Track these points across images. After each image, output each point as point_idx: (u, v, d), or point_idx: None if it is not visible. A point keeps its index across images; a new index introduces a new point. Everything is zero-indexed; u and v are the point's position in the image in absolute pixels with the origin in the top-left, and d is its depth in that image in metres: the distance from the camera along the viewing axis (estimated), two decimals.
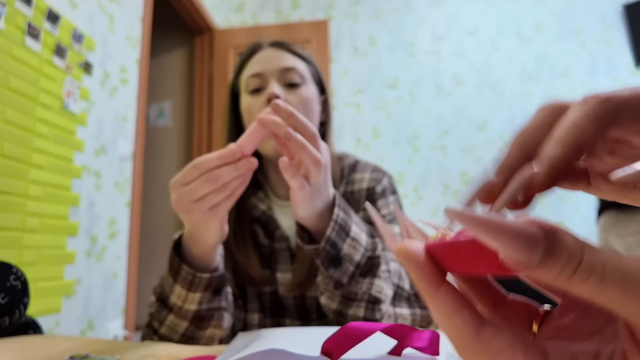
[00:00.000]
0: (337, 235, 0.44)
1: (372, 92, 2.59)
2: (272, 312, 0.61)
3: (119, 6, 1.69)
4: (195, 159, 0.42)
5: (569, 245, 0.12)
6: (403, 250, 0.15)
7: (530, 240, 0.12)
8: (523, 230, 0.12)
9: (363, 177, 0.64)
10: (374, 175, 0.64)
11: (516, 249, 0.12)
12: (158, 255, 2.67)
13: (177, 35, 2.85)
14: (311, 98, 0.60)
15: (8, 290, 0.63)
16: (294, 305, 0.60)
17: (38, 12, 1.25)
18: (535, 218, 0.13)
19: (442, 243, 0.15)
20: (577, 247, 0.12)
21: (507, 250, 0.12)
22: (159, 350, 0.49)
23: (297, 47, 0.64)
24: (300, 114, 0.39)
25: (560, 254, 0.12)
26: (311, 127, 0.39)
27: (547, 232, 0.12)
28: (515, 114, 2.47)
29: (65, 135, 1.36)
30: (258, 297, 0.61)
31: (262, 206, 0.61)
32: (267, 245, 0.61)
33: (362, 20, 2.69)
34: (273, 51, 0.62)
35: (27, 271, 1.14)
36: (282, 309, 0.61)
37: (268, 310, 0.61)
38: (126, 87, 1.74)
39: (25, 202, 1.18)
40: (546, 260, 0.12)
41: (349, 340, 0.30)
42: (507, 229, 0.12)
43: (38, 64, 1.25)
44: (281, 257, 0.61)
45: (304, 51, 0.65)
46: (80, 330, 1.41)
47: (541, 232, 0.12)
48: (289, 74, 0.59)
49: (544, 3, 2.56)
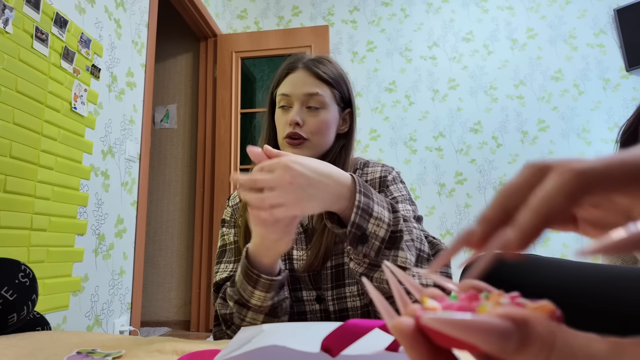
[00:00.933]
0: (360, 219, 0.48)
1: (370, 96, 2.65)
2: (289, 286, 0.67)
3: (125, 12, 1.75)
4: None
5: (540, 335, 0.13)
6: (396, 328, 0.16)
7: (503, 334, 0.13)
8: (495, 326, 0.13)
9: (375, 169, 0.74)
10: (384, 168, 0.74)
11: (491, 343, 0.13)
12: (163, 253, 2.71)
13: (182, 41, 2.91)
14: (328, 121, 0.70)
15: (16, 287, 0.64)
16: (308, 278, 0.67)
17: (46, 16, 1.28)
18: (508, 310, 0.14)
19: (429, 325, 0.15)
20: (549, 335, 0.13)
21: (483, 344, 0.13)
22: (164, 345, 0.50)
23: (327, 71, 0.72)
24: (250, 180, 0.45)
25: (533, 343, 0.13)
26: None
27: (519, 323, 0.13)
28: (509, 117, 2.52)
29: (74, 137, 1.39)
30: None
31: None
32: None
33: (361, 26, 2.76)
34: (303, 75, 0.71)
35: (35, 268, 1.18)
36: (297, 283, 0.67)
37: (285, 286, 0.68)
38: (133, 90, 1.79)
39: (33, 202, 1.20)
40: (520, 349, 0.13)
41: (349, 336, 0.30)
42: (481, 327, 0.13)
43: (46, 68, 1.27)
44: (296, 239, 0.69)
45: (333, 73, 0.72)
46: (87, 326, 1.44)
47: (513, 325, 0.13)
48: (312, 100, 0.69)
49: (536, 9, 2.63)
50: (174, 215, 2.73)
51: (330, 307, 0.66)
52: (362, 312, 0.65)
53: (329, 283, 0.66)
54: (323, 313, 0.66)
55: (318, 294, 0.66)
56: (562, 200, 0.15)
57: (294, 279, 0.67)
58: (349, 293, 0.65)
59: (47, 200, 1.26)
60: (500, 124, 2.52)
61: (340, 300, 0.65)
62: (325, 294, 0.66)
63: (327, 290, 0.66)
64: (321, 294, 0.66)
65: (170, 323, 2.61)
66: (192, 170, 2.75)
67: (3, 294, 0.62)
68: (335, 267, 0.66)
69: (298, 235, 0.69)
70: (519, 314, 0.13)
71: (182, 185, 2.76)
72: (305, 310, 0.67)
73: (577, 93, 2.49)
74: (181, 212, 2.73)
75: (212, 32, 2.66)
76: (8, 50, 1.14)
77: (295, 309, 0.67)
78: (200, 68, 2.76)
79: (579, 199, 0.15)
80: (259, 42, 2.62)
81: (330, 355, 0.30)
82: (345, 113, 0.75)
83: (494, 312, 0.14)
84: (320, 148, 0.70)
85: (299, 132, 0.68)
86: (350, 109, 0.75)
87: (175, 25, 2.84)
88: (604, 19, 2.54)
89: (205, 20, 2.52)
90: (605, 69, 2.49)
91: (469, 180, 2.47)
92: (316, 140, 0.69)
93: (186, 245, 2.69)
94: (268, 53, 2.62)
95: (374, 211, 0.49)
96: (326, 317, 0.66)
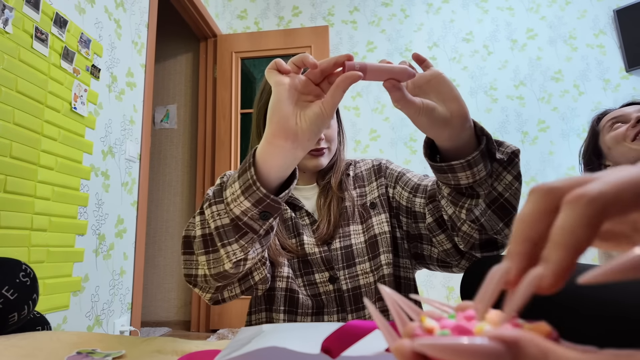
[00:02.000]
0: (480, 131, 0.50)
1: (370, 96, 2.65)
2: (300, 271, 0.70)
3: (125, 12, 1.75)
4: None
5: (531, 355, 0.13)
6: (397, 351, 0.16)
7: (493, 357, 0.13)
8: (485, 349, 0.13)
9: (366, 162, 0.80)
10: (375, 160, 0.80)
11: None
12: (164, 253, 2.71)
13: (182, 41, 2.91)
14: (336, 128, 0.76)
15: (17, 287, 0.64)
16: (321, 260, 0.69)
17: (46, 16, 1.28)
18: (500, 331, 0.14)
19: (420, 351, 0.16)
20: (541, 355, 0.13)
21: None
22: (165, 345, 0.50)
23: None
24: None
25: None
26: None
27: (509, 344, 0.13)
28: (509, 117, 2.52)
29: (74, 137, 1.39)
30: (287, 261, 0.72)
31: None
32: (291, 217, 0.73)
33: (361, 27, 2.76)
34: None
35: (35, 269, 1.18)
36: (310, 267, 0.70)
37: (297, 271, 0.70)
38: (133, 90, 1.79)
39: (33, 202, 1.20)
40: None
41: (349, 337, 0.30)
42: (472, 351, 0.13)
43: (46, 68, 1.27)
44: (305, 228, 0.73)
45: None
46: (88, 326, 1.44)
47: (504, 347, 0.13)
48: None
49: (536, 9, 2.63)
50: (174, 215, 2.73)
51: (344, 285, 0.68)
52: (375, 289, 0.68)
53: (340, 263, 0.69)
54: (337, 292, 0.68)
55: (331, 275, 0.69)
56: (584, 231, 0.15)
57: (307, 263, 0.70)
58: (360, 271, 0.69)
59: (48, 200, 1.26)
60: (501, 124, 2.52)
61: (353, 278, 0.68)
62: (338, 273, 0.69)
63: (339, 270, 0.69)
64: (334, 274, 0.69)
65: (171, 323, 2.61)
66: (192, 171, 2.76)
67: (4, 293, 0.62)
68: (344, 247, 0.70)
69: (306, 224, 0.73)
70: (510, 335, 0.13)
71: (182, 186, 2.76)
72: (319, 292, 0.69)
73: (577, 93, 2.49)
74: (181, 212, 2.73)
75: (212, 32, 2.66)
76: (8, 50, 1.14)
77: (309, 291, 0.69)
78: (200, 68, 2.76)
79: (599, 225, 0.15)
80: (259, 43, 2.62)
81: (330, 357, 0.30)
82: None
83: (488, 334, 0.14)
84: (333, 153, 0.76)
85: (323, 145, 0.72)
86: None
87: (175, 26, 2.84)
88: (604, 19, 2.55)
89: (205, 21, 2.52)
90: (605, 69, 2.49)
91: None
92: (333, 147, 0.74)
93: None
94: (268, 53, 2.62)
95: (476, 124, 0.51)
96: (340, 297, 0.68)
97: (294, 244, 0.71)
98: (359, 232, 0.72)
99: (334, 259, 0.70)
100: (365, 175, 0.78)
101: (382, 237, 0.70)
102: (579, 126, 2.45)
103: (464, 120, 0.47)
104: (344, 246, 0.70)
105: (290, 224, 0.73)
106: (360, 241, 0.71)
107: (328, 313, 0.68)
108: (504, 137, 2.50)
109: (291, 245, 0.70)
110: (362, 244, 0.70)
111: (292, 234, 0.72)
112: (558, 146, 2.45)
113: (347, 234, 0.71)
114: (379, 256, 0.69)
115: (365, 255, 0.69)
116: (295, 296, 0.68)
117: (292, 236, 0.72)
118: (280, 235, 0.71)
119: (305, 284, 0.70)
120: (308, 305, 0.68)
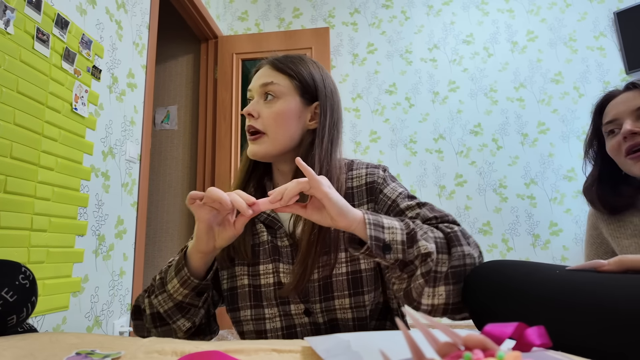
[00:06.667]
0: (375, 231, 0.52)
1: (370, 98, 2.66)
2: (276, 300, 0.66)
3: (126, 14, 1.75)
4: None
5: None
6: None
7: None
8: None
9: (360, 173, 0.70)
10: (369, 171, 0.70)
11: None
12: (163, 254, 2.71)
13: (183, 42, 2.92)
14: (283, 111, 0.66)
15: (17, 289, 0.63)
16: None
17: (47, 17, 1.28)
18: None
19: None
20: None
21: None
22: (164, 346, 0.49)
23: (287, 62, 0.70)
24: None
25: None
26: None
27: None
28: (509, 119, 2.53)
29: (75, 137, 1.39)
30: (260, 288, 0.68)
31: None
32: (269, 241, 0.68)
33: (361, 29, 2.76)
34: (264, 69, 0.71)
35: (35, 269, 1.19)
36: (285, 297, 0.65)
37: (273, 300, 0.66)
38: (133, 91, 1.79)
39: (33, 202, 1.20)
40: None
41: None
42: None
43: (47, 69, 1.27)
44: (283, 253, 0.66)
45: (295, 66, 0.69)
46: (87, 327, 1.44)
47: None
48: (266, 89, 0.68)
49: (537, 11, 2.63)
50: (174, 216, 2.74)
51: (320, 319, 0.64)
52: (356, 325, 0.63)
53: (316, 296, 0.64)
54: (313, 326, 0.65)
55: (306, 307, 0.64)
56: None
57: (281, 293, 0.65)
58: (338, 305, 0.63)
59: (48, 200, 1.26)
60: (500, 126, 2.52)
61: (330, 312, 0.64)
62: (313, 306, 0.64)
63: (315, 303, 0.64)
64: (309, 307, 0.64)
65: None
66: (193, 172, 2.76)
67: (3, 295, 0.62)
68: (322, 279, 0.63)
69: (284, 249, 0.66)
70: None
71: (183, 187, 2.77)
72: (294, 324, 0.65)
73: (577, 96, 2.50)
74: (181, 213, 2.74)
75: (213, 33, 2.67)
76: (9, 51, 1.14)
77: (285, 322, 0.65)
78: (201, 69, 2.76)
79: None
80: (259, 44, 2.63)
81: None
82: (314, 107, 0.69)
83: None
84: (279, 142, 0.66)
85: (254, 124, 0.66)
86: (319, 102, 0.69)
87: (176, 27, 2.85)
88: (604, 21, 2.55)
89: (206, 22, 2.53)
90: (605, 71, 2.49)
91: (469, 182, 2.48)
92: (273, 133, 0.66)
93: None
94: (269, 55, 2.61)
95: (384, 223, 0.54)
96: (316, 330, 0.64)
97: (270, 269, 0.66)
98: (341, 261, 0.64)
99: (310, 291, 0.64)
100: (356, 194, 0.68)
101: (367, 275, 0.63)
102: (579, 128, 2.45)
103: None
104: (322, 277, 0.63)
105: (267, 249, 0.67)
106: (341, 272, 0.63)
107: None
108: (504, 139, 2.51)
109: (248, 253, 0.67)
110: (342, 277, 0.63)
111: (268, 258, 0.67)
112: (558, 148, 2.45)
113: (326, 263, 0.63)
114: (361, 295, 0.62)
115: (346, 290, 0.63)
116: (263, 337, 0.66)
117: (269, 261, 0.66)
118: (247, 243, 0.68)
119: (280, 314, 0.65)
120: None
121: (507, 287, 0.45)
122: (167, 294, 0.62)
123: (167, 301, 0.62)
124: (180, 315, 0.63)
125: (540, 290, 0.41)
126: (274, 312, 0.65)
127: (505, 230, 2.40)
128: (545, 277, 0.43)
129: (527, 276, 0.44)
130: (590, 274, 0.40)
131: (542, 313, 0.39)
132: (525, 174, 2.44)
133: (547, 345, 0.27)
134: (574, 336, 0.36)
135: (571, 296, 0.38)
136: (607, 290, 0.36)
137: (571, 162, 2.42)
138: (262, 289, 0.66)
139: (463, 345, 0.19)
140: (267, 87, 0.67)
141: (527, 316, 0.40)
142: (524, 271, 0.46)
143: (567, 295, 0.38)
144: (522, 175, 2.45)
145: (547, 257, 2.33)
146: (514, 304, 0.43)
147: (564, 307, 0.38)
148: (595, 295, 0.36)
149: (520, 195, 2.43)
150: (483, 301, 0.48)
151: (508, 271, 0.48)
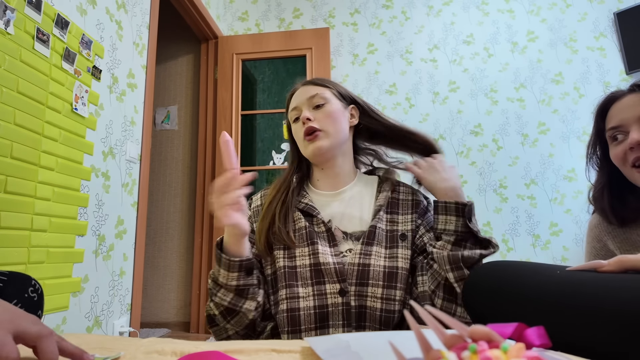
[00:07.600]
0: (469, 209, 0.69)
1: (370, 98, 2.66)
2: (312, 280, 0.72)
3: (126, 14, 1.76)
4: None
5: None
6: None
7: None
8: None
9: (407, 190, 0.83)
10: (414, 193, 0.83)
11: None
12: (163, 254, 2.71)
13: (183, 43, 2.92)
14: (334, 111, 0.79)
15: (25, 301, 0.66)
16: (333, 270, 0.70)
17: (47, 17, 1.28)
18: None
19: None
20: None
21: None
22: (164, 346, 0.49)
23: (319, 80, 0.85)
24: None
25: None
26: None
27: None
28: (509, 119, 2.53)
29: (75, 138, 1.39)
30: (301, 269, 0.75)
31: (304, 200, 0.79)
32: (306, 227, 0.75)
33: (362, 29, 2.76)
34: (302, 88, 0.83)
35: (35, 269, 1.19)
36: (322, 276, 0.71)
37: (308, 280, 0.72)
38: (134, 91, 1.79)
39: (33, 202, 1.20)
40: None
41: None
42: None
43: (47, 69, 1.27)
44: (320, 236, 0.74)
45: (327, 80, 0.86)
46: (87, 327, 1.44)
47: None
48: (314, 99, 0.80)
49: (537, 12, 2.63)
50: (174, 216, 2.74)
51: (352, 301, 0.69)
52: (382, 317, 0.68)
53: (353, 278, 0.70)
54: (345, 306, 0.69)
55: (342, 287, 0.69)
56: None
57: (319, 273, 0.71)
58: (370, 293, 0.69)
59: (48, 201, 1.26)
60: (501, 126, 2.52)
61: (361, 297, 0.69)
62: (348, 287, 0.70)
63: (350, 285, 0.70)
64: (345, 287, 0.69)
65: (170, 324, 2.61)
66: (193, 172, 2.76)
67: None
68: (362, 265, 0.70)
69: (321, 234, 0.75)
70: None
71: (183, 187, 2.77)
72: (327, 304, 0.69)
73: (578, 96, 2.50)
74: (181, 213, 2.74)
75: (213, 33, 2.67)
76: (9, 51, 1.14)
77: (317, 302, 0.70)
78: (201, 70, 2.76)
79: None
80: (259, 44, 2.63)
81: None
82: (351, 108, 0.83)
83: None
84: (335, 136, 0.78)
85: (312, 125, 0.76)
86: (355, 105, 0.84)
87: (176, 27, 2.85)
88: (604, 22, 2.55)
89: (207, 22, 2.53)
90: (605, 72, 2.49)
91: (469, 182, 2.48)
92: (329, 129, 0.77)
93: (186, 247, 2.69)
94: (269, 55, 2.63)
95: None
96: (347, 311, 0.69)
97: (306, 252, 0.73)
98: (380, 255, 0.72)
99: (347, 272, 0.70)
100: (402, 204, 0.80)
101: (402, 272, 0.71)
102: (579, 128, 2.45)
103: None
104: (361, 263, 0.71)
105: (304, 233, 0.74)
106: (379, 264, 0.71)
107: (333, 326, 0.69)
108: (504, 139, 2.51)
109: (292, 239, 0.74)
110: (380, 268, 0.70)
111: (305, 242, 0.74)
112: (558, 148, 2.45)
113: (368, 252, 0.71)
114: (394, 289, 0.69)
115: (381, 280, 0.70)
116: (296, 314, 0.69)
117: (305, 244, 0.73)
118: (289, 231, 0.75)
119: (314, 293, 0.70)
120: (310, 320, 0.69)
121: (507, 288, 0.45)
122: (222, 287, 0.68)
123: (226, 293, 0.68)
124: (242, 299, 0.68)
125: (541, 292, 0.41)
126: (308, 292, 0.71)
127: (506, 231, 2.40)
128: (546, 278, 0.42)
129: (527, 278, 0.44)
130: (591, 275, 0.40)
131: (543, 314, 0.39)
132: (525, 175, 2.44)
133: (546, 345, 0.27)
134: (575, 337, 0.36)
135: (572, 298, 0.38)
136: (608, 291, 0.36)
137: (571, 162, 2.42)
138: (297, 270, 0.72)
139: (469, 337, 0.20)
140: (314, 98, 0.79)
141: (528, 317, 0.40)
142: (525, 272, 0.46)
143: (568, 297, 0.38)
144: (523, 176, 2.45)
145: (547, 257, 2.33)
146: (515, 305, 0.43)
147: (566, 309, 0.38)
148: (597, 296, 0.36)
149: (521, 195, 2.43)
150: (483, 302, 0.48)
151: (508, 272, 0.48)
